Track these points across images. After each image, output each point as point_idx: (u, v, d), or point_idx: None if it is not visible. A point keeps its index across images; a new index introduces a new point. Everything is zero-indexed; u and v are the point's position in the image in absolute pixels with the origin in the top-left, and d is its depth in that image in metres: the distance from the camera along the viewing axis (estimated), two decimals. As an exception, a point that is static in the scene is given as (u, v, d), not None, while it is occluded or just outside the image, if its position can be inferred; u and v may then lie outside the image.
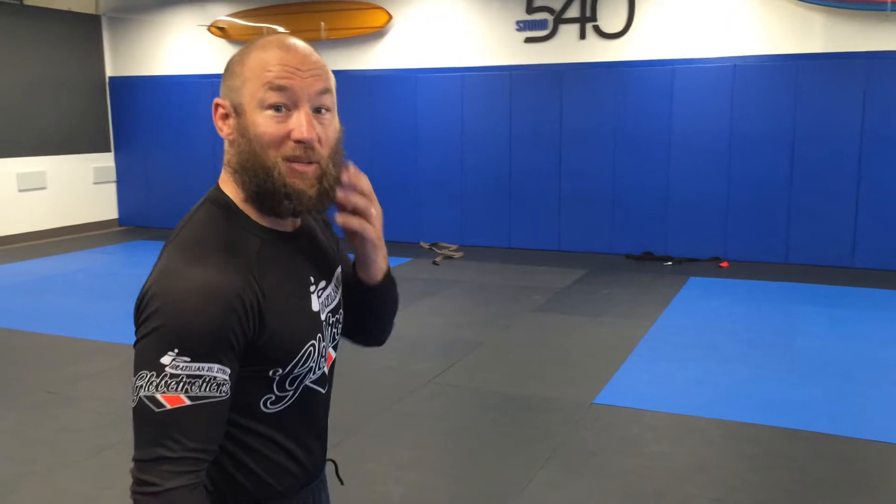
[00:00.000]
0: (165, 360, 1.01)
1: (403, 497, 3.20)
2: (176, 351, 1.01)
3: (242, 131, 1.10)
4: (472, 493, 3.26)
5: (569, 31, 8.45)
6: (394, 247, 9.02)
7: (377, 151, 9.33)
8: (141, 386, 1.02)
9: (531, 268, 7.88)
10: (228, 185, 1.16)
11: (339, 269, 1.28)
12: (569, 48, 8.47)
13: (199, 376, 1.02)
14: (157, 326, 1.02)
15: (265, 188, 1.10)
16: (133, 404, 1.04)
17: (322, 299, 1.21)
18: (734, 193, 7.96)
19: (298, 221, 1.21)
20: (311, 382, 1.20)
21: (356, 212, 1.19)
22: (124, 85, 10.69)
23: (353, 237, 1.22)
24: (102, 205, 10.70)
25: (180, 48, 10.33)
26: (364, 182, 1.19)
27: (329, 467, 1.36)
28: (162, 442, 1.02)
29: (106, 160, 10.76)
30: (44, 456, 3.59)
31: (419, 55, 9.11)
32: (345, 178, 1.17)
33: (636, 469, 3.43)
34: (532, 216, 8.82)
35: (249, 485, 1.16)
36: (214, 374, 1.03)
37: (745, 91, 7.78)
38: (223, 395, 1.05)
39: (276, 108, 1.08)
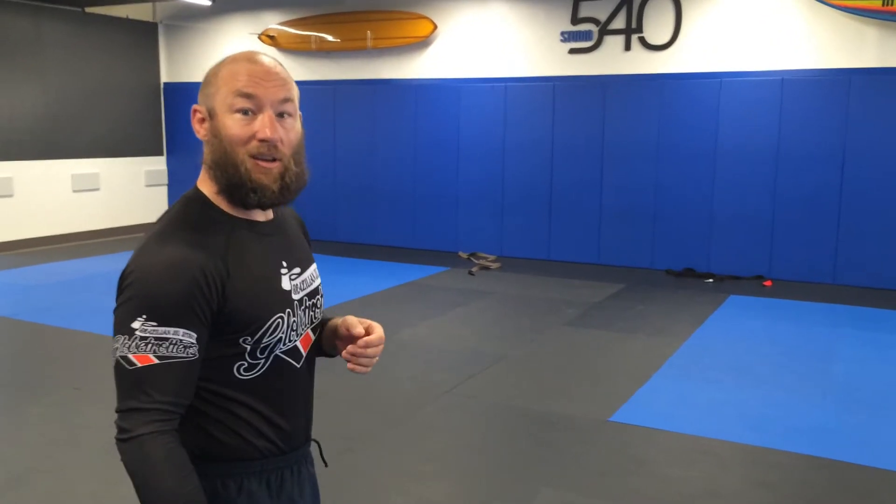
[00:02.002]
0: (136, 325, 1.18)
1: (402, 508, 3.18)
2: (144, 317, 1.18)
3: (215, 132, 1.29)
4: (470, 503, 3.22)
5: (614, 43, 8.35)
6: (432, 256, 9.04)
7: (419, 160, 9.37)
8: (116, 348, 1.20)
9: (568, 281, 7.78)
10: (205, 184, 1.33)
11: (314, 265, 1.46)
12: (613, 60, 8.37)
13: (166, 339, 1.18)
14: (130, 297, 1.20)
15: (234, 182, 1.28)
16: (112, 364, 1.21)
17: (296, 282, 1.37)
18: (780, 211, 7.73)
19: (270, 214, 1.39)
20: (282, 353, 1.34)
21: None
22: (178, 90, 10.98)
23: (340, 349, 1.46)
24: (153, 207, 10.98)
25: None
26: (375, 339, 1.40)
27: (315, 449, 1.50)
28: (134, 395, 1.18)
29: (158, 164, 11.06)
30: (59, 452, 3.69)
31: (463, 65, 9.12)
32: (361, 342, 1.39)
33: (645, 491, 3.33)
34: (572, 229, 8.72)
35: (229, 446, 1.30)
36: (180, 338, 1.19)
37: (793, 106, 7.56)
38: (190, 356, 1.20)
39: (244, 111, 1.27)
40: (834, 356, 5.31)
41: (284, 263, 1.37)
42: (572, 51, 8.51)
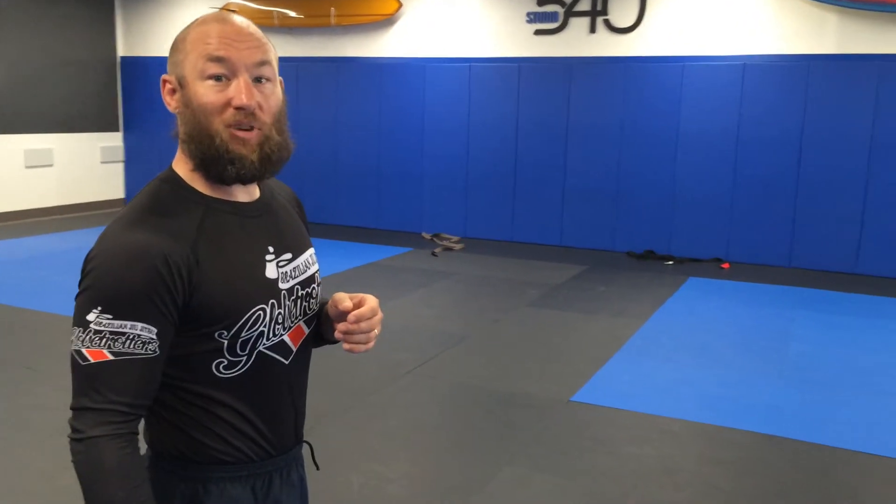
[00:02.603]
0: (90, 317, 1.08)
1: (362, 487, 3.17)
2: (100, 309, 1.08)
3: (187, 102, 1.16)
4: (431, 486, 3.22)
5: (579, 25, 8.35)
6: (395, 236, 8.99)
7: (383, 140, 9.30)
8: (72, 340, 1.10)
9: (530, 262, 7.81)
10: (179, 163, 1.21)
11: (311, 250, 1.32)
12: (578, 42, 8.37)
13: (122, 333, 1.08)
14: (87, 286, 1.09)
15: (209, 155, 1.15)
16: (69, 357, 1.11)
17: (286, 270, 1.24)
18: (739, 194, 7.84)
19: (256, 193, 1.26)
20: (267, 349, 1.22)
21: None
22: (135, 65, 10.72)
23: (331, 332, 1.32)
24: (109, 184, 10.75)
25: (192, 30, 10.33)
26: (366, 310, 1.24)
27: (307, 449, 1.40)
28: (86, 392, 1.08)
29: (114, 140, 10.80)
30: (10, 431, 3.60)
31: (428, 44, 9.05)
32: (351, 316, 1.24)
33: (603, 469, 3.37)
34: (535, 210, 8.74)
35: (211, 449, 1.20)
36: (138, 332, 1.08)
37: (754, 90, 7.65)
38: (149, 353, 1.10)
39: (217, 77, 1.14)
40: (789, 337, 5.41)
41: (271, 248, 1.23)
42: (538, 32, 8.49)
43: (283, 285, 1.24)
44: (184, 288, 1.12)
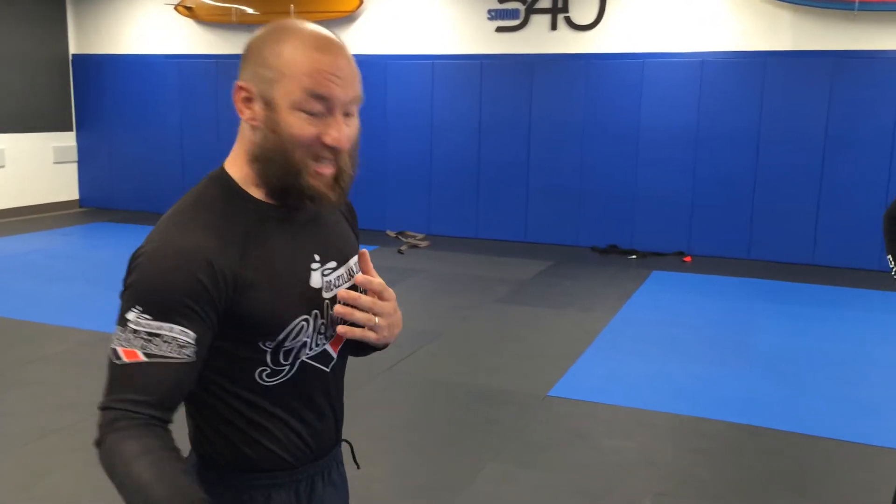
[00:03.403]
0: (130, 315, 1.06)
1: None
2: (140, 308, 1.05)
3: (273, 126, 1.11)
4: (416, 485, 3.22)
5: (540, 22, 8.41)
6: (360, 234, 8.92)
7: (345, 138, 9.23)
8: (112, 339, 1.07)
9: (497, 258, 7.85)
10: (234, 166, 1.17)
11: (355, 258, 1.28)
12: (540, 39, 8.43)
13: (158, 335, 1.05)
14: (130, 284, 1.07)
15: (289, 185, 1.13)
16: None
17: (330, 279, 1.21)
18: (699, 189, 7.99)
19: None
20: (309, 359, 1.20)
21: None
22: (88, 63, 10.46)
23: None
24: (63, 185, 10.48)
25: (147, 27, 10.13)
26: (376, 283, 1.22)
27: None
28: (114, 391, 1.06)
29: (67, 139, 10.53)
30: (-19, 441, 3.49)
31: (389, 41, 9.02)
32: (359, 278, 1.22)
33: (585, 463, 3.41)
34: (500, 207, 8.79)
35: (255, 456, 1.19)
36: (175, 336, 1.05)
37: (712, 87, 7.80)
38: (185, 357, 1.06)
39: (312, 113, 1.10)
40: (753, 328, 5.55)
41: (317, 257, 1.21)
42: (499, 29, 8.53)
43: (326, 294, 1.21)
44: (227, 295, 1.09)
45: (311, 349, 1.20)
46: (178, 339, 1.06)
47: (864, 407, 4.10)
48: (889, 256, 2.23)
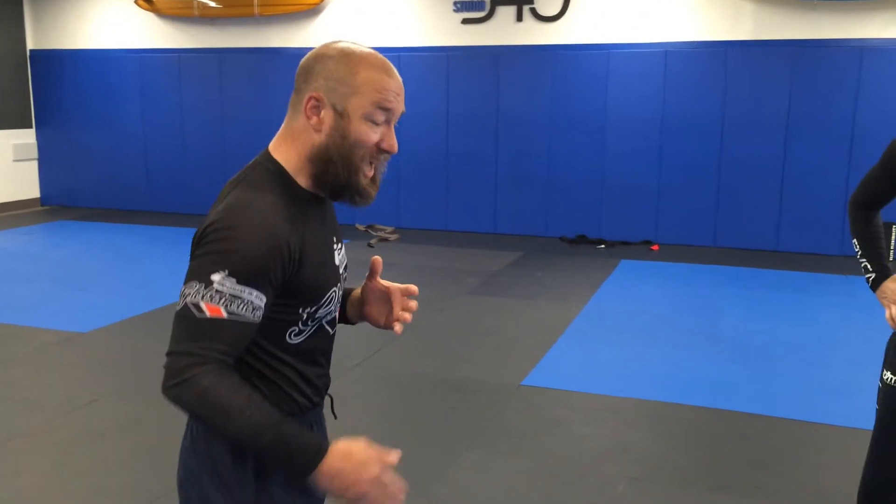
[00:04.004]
0: (216, 276, 1.22)
1: (326, 482, 3.15)
2: (226, 272, 1.22)
3: (343, 132, 1.31)
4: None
5: (506, 13, 8.43)
6: (329, 229, 8.89)
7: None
8: (189, 294, 1.23)
9: (466, 250, 7.87)
10: (281, 154, 1.35)
11: (342, 245, 1.52)
12: (506, 30, 8.45)
13: (240, 297, 1.23)
14: (218, 249, 1.22)
15: (342, 182, 1.33)
16: (178, 308, 1.24)
17: (339, 257, 1.45)
18: (665, 178, 8.09)
19: None
20: (326, 322, 1.44)
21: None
22: (47, 58, 10.24)
23: (371, 315, 1.59)
24: (23, 183, 10.26)
25: (106, 21, 9.95)
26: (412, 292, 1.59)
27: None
28: (194, 339, 1.22)
29: (26, 137, 10.31)
30: (-53, 446, 3.42)
31: (354, 34, 8.96)
32: (412, 288, 1.58)
33: (561, 450, 3.45)
34: (468, 199, 8.81)
35: (273, 399, 1.36)
36: (252, 299, 1.24)
37: (676, 77, 7.89)
38: (255, 318, 1.26)
39: (376, 122, 1.32)
40: (721, 314, 5.64)
41: (335, 239, 1.45)
42: (465, 21, 8.53)
43: (341, 271, 1.46)
44: (292, 268, 1.29)
45: (330, 315, 1.45)
46: (253, 302, 1.24)
47: (828, 388, 4.20)
48: (854, 240, 2.28)
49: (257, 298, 1.24)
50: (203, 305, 1.22)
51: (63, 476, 3.20)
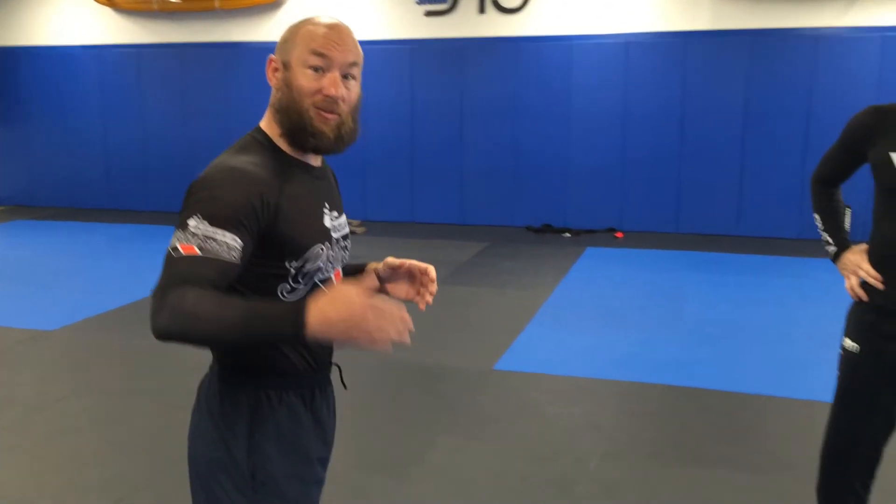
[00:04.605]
0: (191, 222, 1.30)
1: (304, 468, 3.18)
2: (200, 216, 1.31)
3: (287, 82, 1.44)
4: (371, 461, 3.28)
5: (468, 6, 8.48)
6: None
7: (276, 126, 9.13)
8: (171, 241, 1.31)
9: (434, 241, 7.93)
10: (269, 126, 1.49)
11: (344, 215, 1.62)
12: (469, 23, 8.51)
13: (213, 238, 1.30)
14: (193, 200, 1.33)
15: (297, 126, 1.44)
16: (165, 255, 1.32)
17: (335, 223, 1.54)
18: (628, 167, 8.23)
19: (320, 161, 1.57)
20: (320, 281, 1.50)
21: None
22: (3, 56, 10.03)
23: (398, 291, 1.74)
24: (-20, 183, 10.06)
25: (64, 17, 9.78)
26: (432, 272, 1.73)
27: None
28: (170, 276, 1.28)
29: (-17, 135, 10.10)
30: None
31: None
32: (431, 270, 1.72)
33: (534, 431, 3.53)
34: (435, 190, 8.86)
35: (272, 360, 1.47)
36: (226, 240, 1.30)
37: (637, 67, 8.03)
38: (232, 259, 1.31)
39: (315, 68, 1.42)
40: (684, 297, 5.78)
41: (327, 205, 1.54)
42: (428, 13, 8.57)
43: (333, 234, 1.53)
44: (267, 217, 1.37)
45: (322, 273, 1.50)
46: (228, 243, 1.31)
47: (788, 364, 4.34)
48: (816, 215, 2.38)
49: (232, 240, 1.31)
50: (179, 246, 1.29)
51: (39, 470, 3.19)
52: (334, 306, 1.19)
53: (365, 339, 1.20)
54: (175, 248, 1.30)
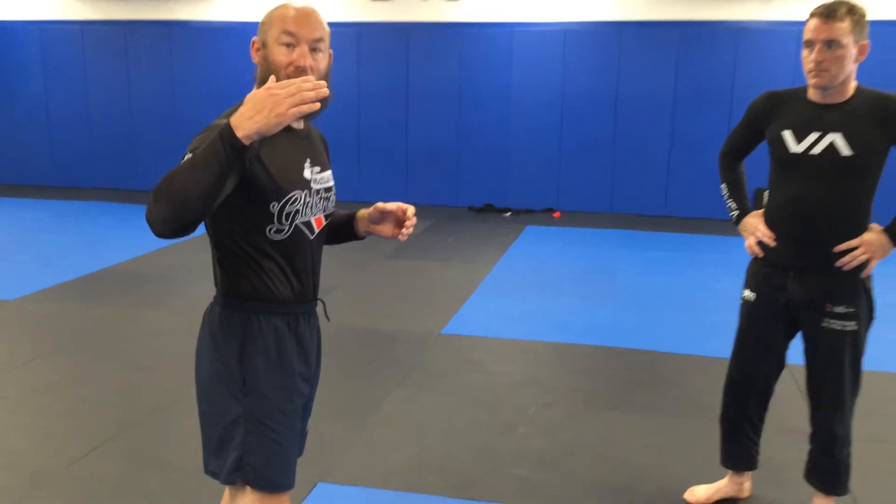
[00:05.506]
0: (187, 156, 1.56)
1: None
2: (191, 151, 1.57)
3: (266, 58, 1.74)
4: (332, 412, 3.57)
5: (414, -9, 8.74)
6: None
7: (221, 106, 9.22)
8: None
9: (380, 219, 8.19)
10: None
11: (330, 171, 1.91)
12: (413, 7, 8.77)
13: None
14: (189, 148, 1.60)
15: None
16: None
17: (315, 176, 1.82)
18: (565, 149, 8.65)
19: (302, 124, 1.84)
20: (301, 223, 1.78)
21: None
22: (-63, 28, 9.84)
23: (383, 230, 2.01)
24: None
25: (2, -9, 9.65)
26: (411, 212, 1.99)
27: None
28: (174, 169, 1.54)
29: (-82, 110, 9.90)
30: None
31: (263, 8, 9.02)
32: (409, 211, 1.98)
33: (479, 384, 3.89)
34: (380, 171, 9.12)
35: (261, 287, 1.77)
36: None
37: (575, 55, 8.43)
38: None
39: (287, 45, 1.72)
40: (616, 271, 6.22)
41: (308, 160, 1.83)
42: (375, -3, 8.79)
43: (313, 185, 1.82)
44: (250, 161, 1.65)
45: (302, 216, 1.79)
46: None
47: (706, 329, 4.80)
48: (722, 185, 2.77)
49: None
50: (181, 161, 1.56)
51: (17, 424, 3.39)
52: (245, 106, 1.49)
53: (281, 114, 1.48)
54: (178, 162, 1.56)
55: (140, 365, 4.08)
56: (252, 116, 1.48)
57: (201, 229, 1.75)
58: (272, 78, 1.56)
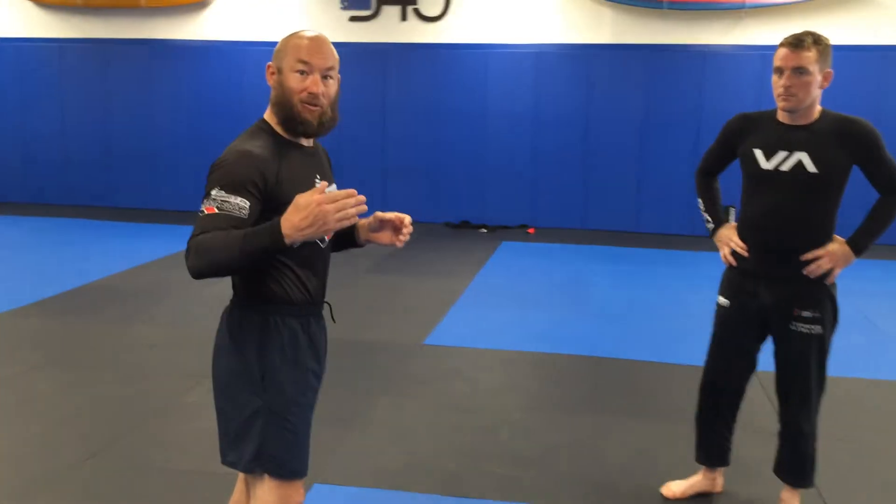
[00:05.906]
0: (213, 192, 1.79)
1: (262, 424, 3.58)
2: (219, 187, 1.78)
3: (281, 83, 1.91)
4: (322, 418, 3.69)
5: (391, 13, 8.95)
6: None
7: (202, 124, 9.33)
8: (200, 206, 1.80)
9: (358, 236, 8.33)
10: (269, 116, 1.96)
11: (334, 185, 2.10)
12: (391, 29, 8.98)
13: (228, 201, 1.77)
14: (214, 177, 1.80)
15: (289, 117, 1.92)
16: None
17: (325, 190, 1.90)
18: (539, 167, 8.89)
19: (311, 142, 2.03)
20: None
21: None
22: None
23: (382, 238, 2.21)
24: None
25: (-21, 8, 9.68)
26: (408, 220, 2.21)
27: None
28: (198, 227, 1.76)
29: None
30: None
31: (243, 28, 9.22)
32: (406, 219, 2.20)
33: (461, 390, 4.04)
34: (357, 188, 8.99)
35: (278, 291, 1.93)
36: (238, 202, 1.77)
37: (546, 76, 8.70)
38: (241, 215, 1.76)
39: (301, 72, 1.89)
40: (590, 284, 6.43)
41: (318, 176, 2.02)
42: (353, 18, 8.99)
43: None
44: (270, 188, 1.84)
45: None
46: (239, 204, 1.77)
47: (675, 338, 5.01)
48: (699, 200, 2.97)
49: (242, 201, 1.77)
50: (204, 209, 1.77)
51: (15, 431, 3.47)
52: (297, 212, 1.66)
53: (330, 226, 1.67)
54: (201, 210, 1.78)
55: (133, 375, 4.17)
56: (303, 229, 1.66)
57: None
58: (322, 185, 1.74)
